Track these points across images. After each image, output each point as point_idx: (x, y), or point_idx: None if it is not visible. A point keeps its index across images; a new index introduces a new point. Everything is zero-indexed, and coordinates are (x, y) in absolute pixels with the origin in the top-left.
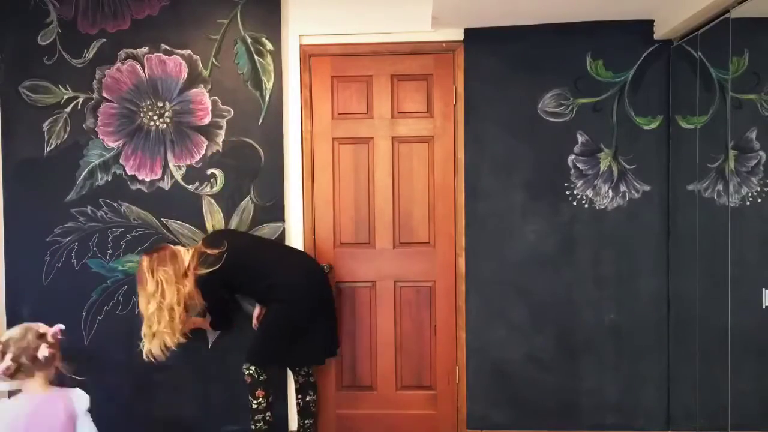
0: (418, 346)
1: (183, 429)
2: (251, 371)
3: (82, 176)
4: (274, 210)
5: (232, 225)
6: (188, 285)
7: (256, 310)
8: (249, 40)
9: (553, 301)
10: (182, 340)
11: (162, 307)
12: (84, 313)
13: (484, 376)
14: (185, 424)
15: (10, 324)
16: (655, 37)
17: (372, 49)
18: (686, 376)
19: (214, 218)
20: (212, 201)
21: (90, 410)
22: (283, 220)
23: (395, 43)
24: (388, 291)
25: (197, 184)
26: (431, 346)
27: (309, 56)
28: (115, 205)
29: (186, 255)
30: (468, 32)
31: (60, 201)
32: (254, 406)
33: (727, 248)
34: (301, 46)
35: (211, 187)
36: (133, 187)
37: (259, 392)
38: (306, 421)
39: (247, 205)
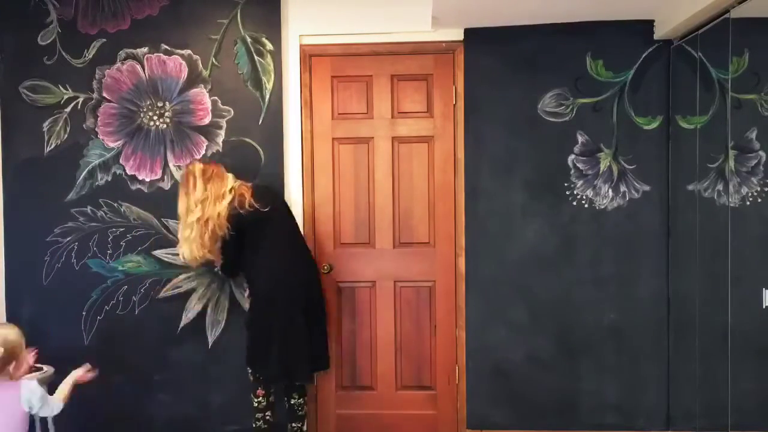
0: (418, 346)
1: (183, 429)
2: (250, 371)
3: (82, 176)
4: None
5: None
6: (224, 211)
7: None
8: (249, 40)
9: (553, 301)
10: (209, 256)
11: (200, 218)
12: (84, 313)
13: (484, 376)
14: (185, 424)
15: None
16: (655, 37)
17: (372, 49)
18: (686, 376)
19: None
20: None
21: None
22: None
23: (395, 43)
24: (388, 291)
25: None
26: (431, 346)
27: (309, 56)
28: (115, 205)
29: (230, 182)
30: (468, 32)
31: (60, 201)
32: (254, 405)
33: (727, 248)
34: (301, 46)
35: None
36: (133, 187)
37: (259, 391)
38: (293, 425)
39: None
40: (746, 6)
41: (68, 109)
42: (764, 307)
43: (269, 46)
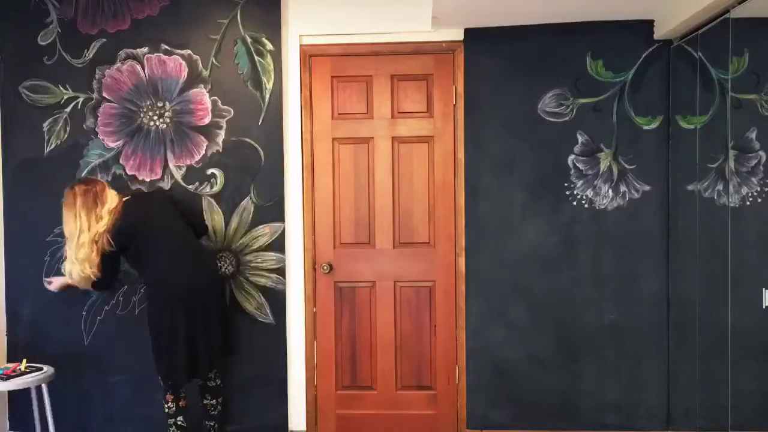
0: (418, 346)
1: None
2: (159, 377)
3: (82, 176)
4: (274, 210)
5: (232, 225)
6: (102, 226)
7: None
8: (249, 40)
9: (553, 301)
10: (98, 274)
11: (91, 238)
12: (84, 313)
13: (484, 376)
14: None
15: (10, 324)
16: (655, 37)
17: (372, 49)
18: (686, 376)
19: (214, 218)
20: (212, 201)
21: None
22: (283, 220)
23: (395, 43)
24: (388, 291)
25: (197, 184)
26: (431, 346)
27: (309, 56)
28: None
29: (113, 199)
30: (468, 32)
31: (60, 201)
32: (165, 410)
33: (727, 248)
34: (301, 46)
35: (211, 187)
36: (134, 187)
37: (168, 396)
38: (207, 423)
39: (247, 205)
40: (746, 6)
41: (68, 109)
42: (764, 307)
43: (269, 46)
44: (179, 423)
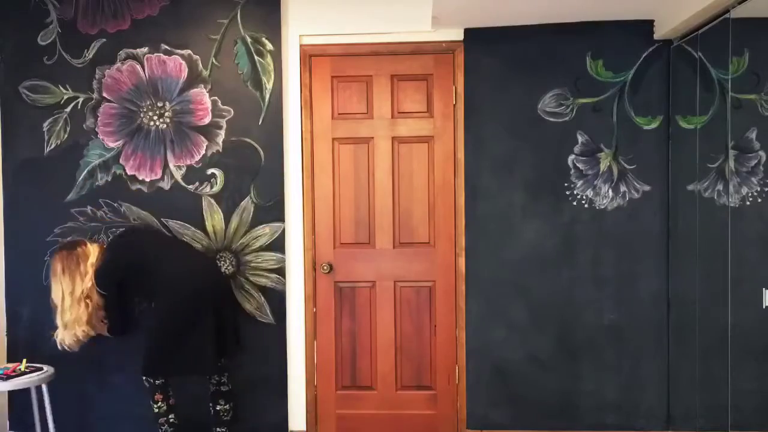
0: (418, 346)
1: (184, 429)
2: (144, 378)
3: (82, 176)
4: (274, 210)
5: (232, 225)
6: (89, 280)
7: None
8: (249, 40)
9: (553, 301)
10: (92, 332)
11: (73, 301)
12: None
13: (484, 376)
14: (186, 424)
15: (10, 324)
16: (655, 37)
17: (372, 49)
18: (686, 376)
19: (214, 218)
20: (212, 201)
21: None
22: (283, 220)
23: (395, 43)
24: (388, 291)
25: (197, 184)
26: (431, 346)
27: (309, 56)
28: (115, 205)
29: (94, 252)
30: (468, 32)
31: (60, 201)
32: (155, 411)
33: (727, 248)
34: (301, 46)
35: (211, 187)
36: (133, 187)
37: (157, 396)
38: (218, 429)
39: (247, 205)
40: (746, 6)
41: (68, 109)
42: (764, 307)
43: (269, 46)
44: (171, 420)
